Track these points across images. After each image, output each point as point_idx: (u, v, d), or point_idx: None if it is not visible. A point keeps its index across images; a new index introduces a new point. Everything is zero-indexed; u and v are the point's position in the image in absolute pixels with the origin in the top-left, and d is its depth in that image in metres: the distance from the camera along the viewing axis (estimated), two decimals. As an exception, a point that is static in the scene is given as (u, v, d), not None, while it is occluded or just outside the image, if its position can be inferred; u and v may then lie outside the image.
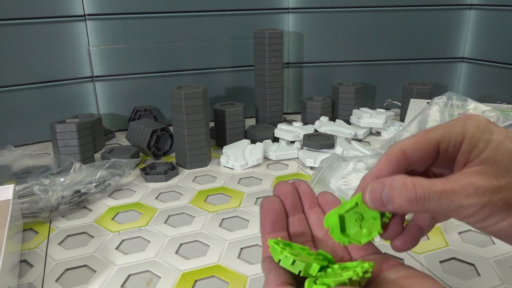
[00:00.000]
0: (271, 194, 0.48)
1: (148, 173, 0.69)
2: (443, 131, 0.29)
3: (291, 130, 0.82)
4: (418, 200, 0.27)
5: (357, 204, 0.31)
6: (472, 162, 0.28)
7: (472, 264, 0.47)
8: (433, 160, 0.30)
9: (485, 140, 0.28)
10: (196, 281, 0.45)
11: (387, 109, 0.97)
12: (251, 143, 0.78)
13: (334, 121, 0.87)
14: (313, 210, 0.36)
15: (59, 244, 0.52)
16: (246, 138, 0.82)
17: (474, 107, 0.75)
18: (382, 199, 0.28)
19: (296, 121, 0.91)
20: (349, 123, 0.89)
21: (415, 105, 0.83)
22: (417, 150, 0.29)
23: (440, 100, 0.73)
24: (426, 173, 0.31)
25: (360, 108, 0.90)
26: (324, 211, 0.36)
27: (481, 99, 0.95)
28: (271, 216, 0.34)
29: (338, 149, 0.73)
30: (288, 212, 0.35)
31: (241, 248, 0.50)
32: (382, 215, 0.31)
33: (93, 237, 0.54)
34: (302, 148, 0.78)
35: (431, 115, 0.71)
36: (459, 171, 0.28)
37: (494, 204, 0.27)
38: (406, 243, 0.32)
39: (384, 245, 0.50)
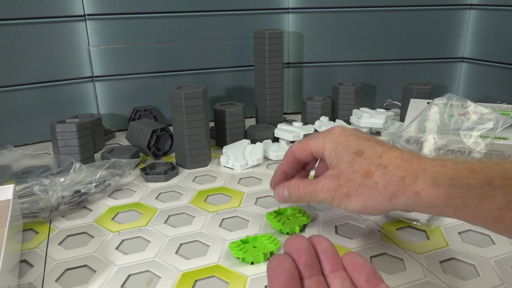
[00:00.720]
0: (271, 194, 0.49)
1: (148, 173, 0.69)
2: (315, 143, 0.45)
3: (291, 130, 0.82)
4: (301, 196, 0.46)
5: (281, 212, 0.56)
6: (330, 166, 0.43)
7: (472, 264, 0.47)
8: (315, 158, 0.48)
9: (334, 151, 0.43)
10: (196, 281, 0.45)
11: (387, 109, 0.97)
12: (251, 143, 0.78)
13: (334, 121, 0.87)
14: (337, 273, 0.31)
15: (59, 244, 0.52)
16: (246, 138, 0.82)
17: (473, 108, 0.75)
18: (283, 197, 0.49)
19: (296, 121, 0.91)
20: (349, 123, 0.89)
21: (415, 105, 0.82)
22: (301, 154, 0.48)
23: (440, 102, 0.73)
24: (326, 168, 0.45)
25: (360, 108, 0.90)
26: (350, 277, 0.31)
27: (481, 99, 0.95)
28: (281, 278, 0.29)
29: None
30: (303, 274, 0.30)
31: (241, 248, 0.50)
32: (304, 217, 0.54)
33: (93, 237, 0.54)
34: (302, 148, 0.78)
35: (431, 116, 0.71)
36: (325, 174, 0.43)
37: (338, 196, 0.42)
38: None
39: (386, 246, 0.50)
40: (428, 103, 0.83)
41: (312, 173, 0.54)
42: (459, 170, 0.36)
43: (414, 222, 0.54)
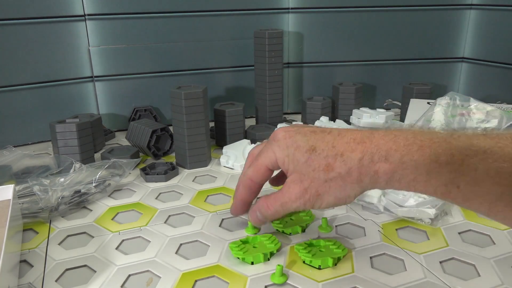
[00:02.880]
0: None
1: (148, 173, 0.69)
2: (266, 157, 0.44)
3: (291, 130, 0.82)
4: (274, 214, 0.45)
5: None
6: (288, 172, 0.43)
7: (472, 264, 0.47)
8: (271, 174, 0.46)
9: (286, 157, 0.42)
10: (196, 281, 0.45)
11: (387, 109, 0.97)
12: (251, 143, 0.78)
13: (334, 121, 0.87)
14: None
15: (59, 244, 0.52)
16: (246, 138, 0.82)
17: (476, 106, 0.75)
18: (259, 219, 0.47)
19: (296, 121, 0.91)
20: (349, 123, 0.89)
21: (415, 105, 0.83)
22: (259, 176, 0.46)
23: (443, 101, 0.72)
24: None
25: (360, 108, 0.90)
26: None
27: (481, 99, 0.95)
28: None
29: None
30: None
31: (241, 248, 0.50)
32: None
33: (93, 237, 0.54)
34: (302, 148, 0.78)
35: (435, 116, 0.71)
36: (286, 182, 0.43)
37: (308, 199, 0.41)
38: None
39: (386, 245, 0.50)
40: (428, 103, 0.84)
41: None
42: (409, 146, 0.36)
43: (418, 221, 0.54)
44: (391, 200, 0.56)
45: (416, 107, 0.82)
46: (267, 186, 0.51)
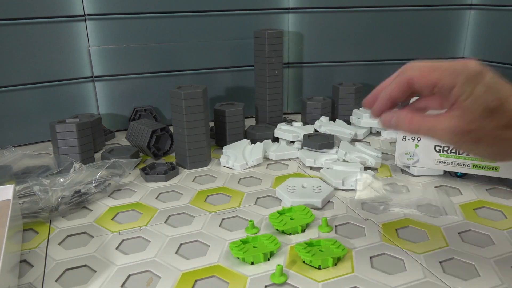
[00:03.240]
0: (271, 194, 0.48)
1: (148, 173, 0.69)
2: (441, 74, 0.38)
3: (291, 130, 0.82)
4: (412, 130, 0.39)
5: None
6: (456, 105, 0.37)
7: (472, 264, 0.47)
8: (431, 92, 0.39)
9: (469, 92, 0.36)
10: (196, 281, 0.45)
11: (387, 109, 0.97)
12: (251, 143, 0.78)
13: (334, 121, 0.87)
14: None
15: (59, 244, 0.52)
16: (246, 138, 0.82)
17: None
18: (391, 124, 0.41)
19: (296, 121, 0.91)
20: (349, 123, 0.89)
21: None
22: (419, 82, 0.39)
23: None
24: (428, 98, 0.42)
25: (360, 108, 0.90)
26: None
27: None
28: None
29: (340, 152, 0.73)
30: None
31: (241, 248, 0.50)
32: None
33: (93, 237, 0.54)
34: (302, 148, 0.78)
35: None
36: (446, 113, 0.37)
37: (463, 141, 0.37)
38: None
39: (386, 245, 0.50)
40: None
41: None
42: None
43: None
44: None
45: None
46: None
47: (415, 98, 0.44)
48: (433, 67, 0.39)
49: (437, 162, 0.64)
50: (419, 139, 0.65)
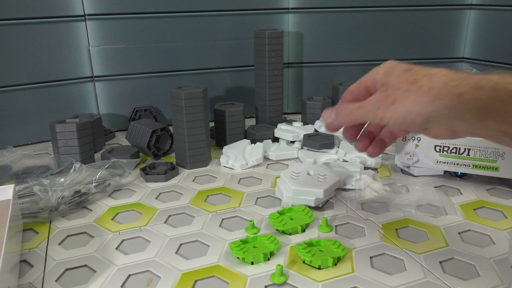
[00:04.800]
0: (271, 194, 0.49)
1: (148, 173, 0.69)
2: (369, 77, 0.46)
3: (291, 130, 0.82)
4: (347, 114, 0.44)
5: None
6: (382, 86, 0.43)
7: (472, 264, 0.47)
8: (369, 93, 0.45)
9: (385, 72, 0.44)
10: (196, 281, 0.45)
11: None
12: (251, 143, 0.78)
13: (334, 121, 0.87)
14: None
15: (59, 244, 0.52)
16: (246, 138, 0.82)
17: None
18: (330, 118, 0.46)
19: (296, 121, 0.91)
20: (349, 123, 0.89)
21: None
22: (356, 89, 0.47)
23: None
24: None
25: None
26: None
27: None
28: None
29: (340, 152, 0.73)
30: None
31: (241, 248, 0.50)
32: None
33: (93, 237, 0.54)
34: (302, 148, 0.78)
35: None
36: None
37: (384, 105, 0.41)
38: (375, 151, 0.49)
39: (386, 246, 0.50)
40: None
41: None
42: (503, 77, 0.36)
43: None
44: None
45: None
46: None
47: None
48: (364, 77, 0.47)
49: (437, 162, 0.64)
50: (419, 139, 0.65)
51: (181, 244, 0.51)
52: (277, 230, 0.53)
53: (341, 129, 0.49)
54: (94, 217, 0.58)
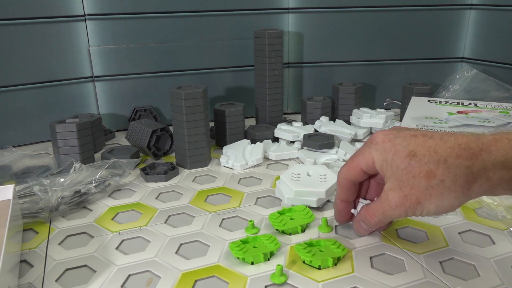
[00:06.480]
0: (271, 194, 0.49)
1: (148, 173, 0.69)
2: (363, 159, 0.43)
3: (291, 130, 0.82)
4: (377, 223, 0.45)
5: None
6: (386, 177, 0.41)
7: (472, 264, 0.47)
8: (368, 175, 0.45)
9: (384, 161, 0.40)
10: (196, 281, 0.45)
11: (387, 108, 0.97)
12: (251, 143, 0.78)
13: (334, 121, 0.87)
14: None
15: (59, 244, 0.52)
16: (246, 138, 0.82)
17: (473, 106, 0.74)
18: (364, 229, 0.48)
19: (296, 121, 0.91)
20: (349, 123, 0.89)
21: (416, 103, 0.83)
22: (353, 175, 0.45)
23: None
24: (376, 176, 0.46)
25: (360, 108, 0.90)
26: None
27: (481, 99, 0.95)
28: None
29: (340, 152, 0.73)
30: None
31: (241, 248, 0.50)
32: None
33: (93, 237, 0.54)
34: (302, 148, 0.78)
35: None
36: (384, 189, 0.42)
37: (409, 207, 0.40)
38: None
39: (386, 246, 0.50)
40: (429, 101, 0.84)
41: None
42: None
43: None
44: None
45: (417, 105, 0.82)
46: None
47: (360, 204, 0.50)
48: (354, 157, 0.45)
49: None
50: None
51: (181, 244, 0.51)
52: (277, 230, 0.53)
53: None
54: (94, 217, 0.58)
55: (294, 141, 0.81)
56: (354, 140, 0.82)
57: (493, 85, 0.88)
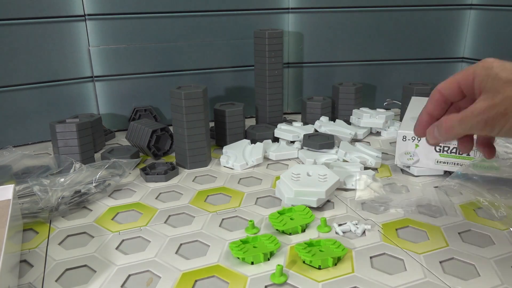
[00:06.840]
0: (271, 194, 0.48)
1: (148, 173, 0.69)
2: (462, 74, 0.41)
3: (291, 130, 0.82)
4: (449, 129, 0.41)
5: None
6: (483, 91, 0.38)
7: (472, 264, 0.47)
8: (462, 94, 0.42)
9: (486, 76, 0.38)
10: (196, 281, 0.45)
11: (387, 108, 0.97)
12: (251, 143, 0.78)
13: (334, 121, 0.87)
14: None
15: (59, 244, 0.52)
16: (246, 138, 0.82)
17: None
18: (435, 136, 0.43)
19: (296, 121, 0.91)
20: (349, 123, 0.89)
21: (416, 102, 0.83)
22: (448, 89, 0.42)
23: None
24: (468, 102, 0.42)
25: (360, 108, 0.90)
26: None
27: (481, 99, 0.95)
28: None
29: (340, 152, 0.73)
30: None
31: (241, 248, 0.50)
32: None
33: (93, 237, 0.54)
34: (302, 148, 0.78)
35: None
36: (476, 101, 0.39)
37: (493, 117, 0.37)
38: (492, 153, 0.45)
39: (386, 246, 0.50)
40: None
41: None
42: None
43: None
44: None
45: (417, 105, 0.81)
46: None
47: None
48: (457, 73, 0.42)
49: (437, 162, 0.64)
50: (419, 139, 0.65)
51: (181, 244, 0.51)
52: (277, 230, 0.53)
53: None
54: (94, 217, 0.58)
55: (294, 141, 0.81)
56: (354, 140, 0.82)
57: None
